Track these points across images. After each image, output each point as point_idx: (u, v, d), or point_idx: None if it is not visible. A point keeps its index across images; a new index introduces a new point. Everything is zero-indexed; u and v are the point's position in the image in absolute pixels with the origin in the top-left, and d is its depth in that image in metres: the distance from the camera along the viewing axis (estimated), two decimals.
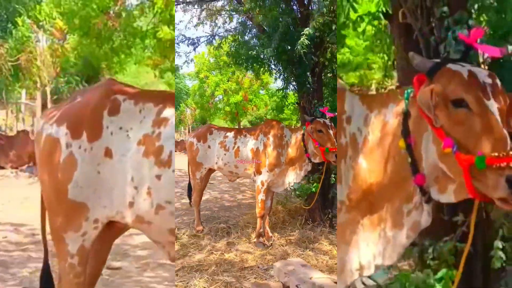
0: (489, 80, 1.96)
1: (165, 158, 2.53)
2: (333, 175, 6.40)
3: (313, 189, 6.09)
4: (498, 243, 2.68)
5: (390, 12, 3.55)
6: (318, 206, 6.35)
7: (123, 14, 11.96)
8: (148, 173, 2.54)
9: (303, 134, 5.42)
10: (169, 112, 2.64)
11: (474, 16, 3.16)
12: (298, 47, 4.84)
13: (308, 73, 6.00)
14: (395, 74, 4.10)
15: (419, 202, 2.26)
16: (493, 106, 1.89)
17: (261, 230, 5.81)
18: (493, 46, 2.12)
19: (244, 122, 25.42)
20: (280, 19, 5.56)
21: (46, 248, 2.89)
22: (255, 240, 5.89)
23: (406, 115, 2.21)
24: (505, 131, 1.86)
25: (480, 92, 1.91)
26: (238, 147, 5.88)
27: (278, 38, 5.41)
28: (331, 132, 5.16)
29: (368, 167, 2.40)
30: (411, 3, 2.99)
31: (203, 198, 8.43)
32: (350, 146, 2.47)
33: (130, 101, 2.68)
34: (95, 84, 3.16)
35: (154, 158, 2.53)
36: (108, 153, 2.61)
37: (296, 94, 7.29)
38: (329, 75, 6.59)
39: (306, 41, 4.84)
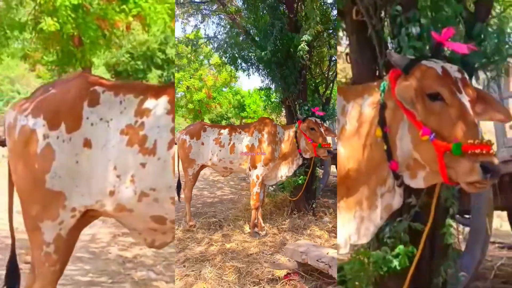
0: (459, 75, 2.17)
1: (150, 146, 2.63)
2: (317, 168, 6.84)
3: (300, 182, 6.54)
4: (450, 221, 2.87)
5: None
6: (303, 197, 6.79)
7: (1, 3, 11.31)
8: (133, 161, 2.63)
9: (296, 131, 5.87)
10: (150, 103, 2.73)
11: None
12: (300, 52, 5.22)
13: (295, 75, 6.41)
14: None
15: (392, 185, 2.46)
16: (465, 98, 2.09)
17: (256, 221, 6.19)
18: (461, 44, 2.32)
19: (205, 120, 25.62)
20: (274, 24, 5.95)
21: (13, 238, 2.93)
22: (249, 231, 6.25)
23: (382, 106, 2.39)
24: (476, 121, 2.05)
25: (453, 86, 2.12)
26: (234, 143, 6.22)
27: (273, 41, 5.78)
28: (322, 129, 5.61)
29: (346, 154, 2.58)
30: (366, 2, 3.12)
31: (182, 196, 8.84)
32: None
33: (109, 92, 2.76)
34: (68, 76, 3.24)
35: (139, 147, 2.63)
36: (87, 143, 2.66)
37: (278, 93, 7.68)
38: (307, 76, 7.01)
39: (306, 47, 5.24)
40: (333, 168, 10.50)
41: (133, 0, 11.25)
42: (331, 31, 6.63)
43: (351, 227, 2.59)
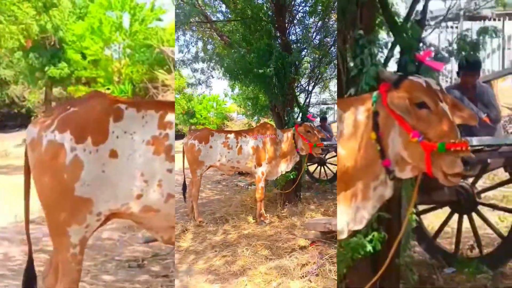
0: (438, 87, 2.58)
1: (173, 154, 3.05)
2: (305, 165, 8.10)
3: (292, 176, 7.70)
4: (413, 209, 3.32)
5: None
6: (293, 190, 7.97)
7: None
8: (160, 167, 3.01)
9: (293, 134, 7.08)
10: (171, 117, 3.12)
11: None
12: (305, 71, 6.42)
13: (285, 87, 7.60)
14: None
15: (384, 179, 2.80)
16: (445, 106, 2.49)
17: (261, 211, 7.26)
18: (437, 62, 2.78)
19: None
20: (272, 45, 7.10)
21: (30, 244, 3.23)
22: (253, 221, 7.28)
23: (375, 113, 2.74)
24: (455, 124, 2.44)
25: (436, 97, 2.50)
26: (241, 146, 7.24)
27: (275, 60, 6.93)
28: (316, 132, 6.90)
29: (345, 155, 2.91)
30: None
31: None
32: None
33: (132, 108, 3.11)
34: (85, 95, 3.49)
35: (165, 155, 3.04)
36: (113, 154, 2.98)
37: (264, 101, 8.80)
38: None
39: (309, 66, 6.47)
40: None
41: None
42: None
43: (349, 215, 2.93)
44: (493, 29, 3.78)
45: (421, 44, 3.70)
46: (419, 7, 3.80)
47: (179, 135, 34.31)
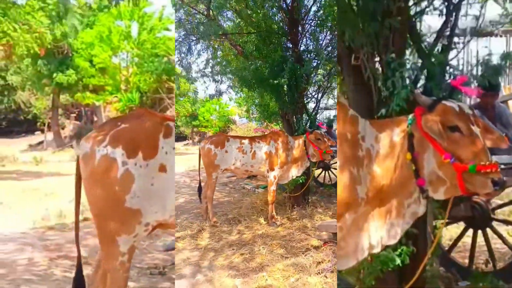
0: (470, 112, 2.70)
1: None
2: (312, 169, 8.53)
3: (301, 181, 8.15)
4: (443, 226, 3.55)
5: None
6: (301, 193, 8.39)
7: None
8: None
9: (304, 141, 7.55)
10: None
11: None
12: (318, 82, 6.91)
13: (296, 96, 8.07)
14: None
15: (417, 198, 2.92)
16: (477, 130, 2.61)
17: (273, 213, 7.68)
18: (471, 88, 2.96)
19: None
20: (286, 57, 7.60)
21: (79, 252, 3.36)
22: (264, 223, 7.67)
23: (410, 135, 2.88)
24: (485, 146, 2.57)
25: (468, 121, 2.63)
26: (255, 151, 7.68)
27: (288, 72, 7.42)
28: (325, 139, 7.38)
29: (381, 173, 3.02)
30: (365, 51, 3.70)
31: (182, 200, 10.12)
32: (366, 157, 3.09)
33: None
34: (133, 113, 3.59)
35: None
36: (162, 168, 3.16)
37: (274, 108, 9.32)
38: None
39: (322, 78, 6.96)
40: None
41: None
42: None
43: (383, 231, 3.04)
44: None
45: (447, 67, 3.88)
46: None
47: (180, 137, 34.62)
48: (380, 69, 3.83)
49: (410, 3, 3.96)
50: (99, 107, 24.46)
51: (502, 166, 4.05)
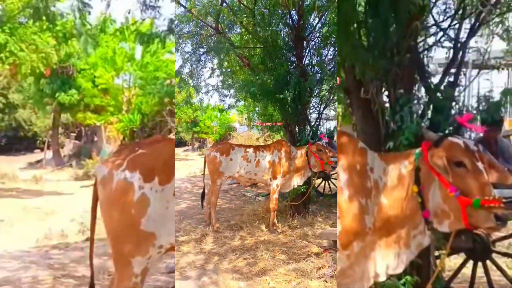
0: (475, 148, 2.81)
1: None
2: (313, 179, 8.80)
3: (302, 190, 8.36)
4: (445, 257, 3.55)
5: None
6: (302, 202, 8.61)
7: None
8: None
9: (306, 151, 7.83)
10: None
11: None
12: (322, 98, 7.33)
13: (300, 108, 8.39)
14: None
15: (423, 229, 3.04)
16: (481, 166, 2.72)
17: (274, 220, 7.89)
18: (476, 125, 3.17)
19: None
20: (291, 72, 7.99)
21: (93, 271, 3.56)
22: (265, 230, 7.87)
23: (417, 169, 3.01)
24: (489, 181, 2.68)
25: (473, 157, 2.74)
26: (258, 159, 7.95)
27: (293, 85, 7.79)
28: (327, 151, 7.68)
29: (388, 204, 3.14)
30: (374, 84, 3.87)
31: (184, 206, 10.30)
32: (374, 188, 3.20)
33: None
34: (151, 139, 3.72)
35: None
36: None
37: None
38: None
39: (326, 94, 7.35)
40: None
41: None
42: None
43: (389, 260, 3.15)
44: None
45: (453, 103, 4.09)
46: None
47: (180, 143, 34.76)
48: (388, 103, 4.03)
49: (419, 39, 4.23)
50: (100, 127, 24.67)
51: (504, 200, 4.31)
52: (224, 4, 8.25)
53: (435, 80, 4.29)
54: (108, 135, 24.11)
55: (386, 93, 4.06)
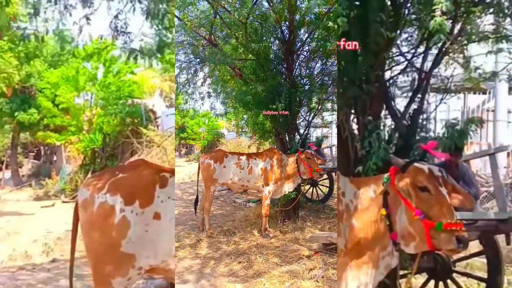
0: (439, 173, 2.97)
1: None
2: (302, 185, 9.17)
3: (292, 196, 8.66)
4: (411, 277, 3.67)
5: None
6: (292, 208, 8.89)
7: None
8: None
9: (296, 159, 8.20)
10: None
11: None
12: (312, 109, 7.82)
13: (291, 118, 8.76)
14: None
15: (391, 250, 3.19)
16: (444, 191, 2.88)
17: (266, 225, 8.15)
18: (440, 153, 3.38)
19: None
20: (282, 83, 8.42)
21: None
22: (257, 234, 8.11)
23: (385, 193, 3.16)
24: (452, 206, 2.84)
25: (436, 182, 2.89)
26: (251, 167, 8.23)
27: (285, 97, 8.20)
28: (315, 159, 8.09)
29: (358, 227, 3.29)
30: (344, 113, 4.04)
31: (176, 212, 10.40)
32: (345, 211, 3.39)
33: (174, 177, 3.59)
34: (131, 163, 3.95)
35: None
36: (156, 216, 3.37)
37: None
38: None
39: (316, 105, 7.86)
40: None
41: None
42: None
43: (360, 280, 3.27)
44: (478, 120, 4.29)
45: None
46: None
47: None
48: (357, 129, 4.18)
49: (386, 68, 4.44)
50: (60, 146, 24.16)
51: (464, 222, 4.16)
52: (218, 17, 8.60)
53: (400, 107, 4.54)
54: (68, 155, 23.66)
55: (355, 120, 4.24)
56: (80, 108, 22.48)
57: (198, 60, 9.28)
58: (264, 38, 8.41)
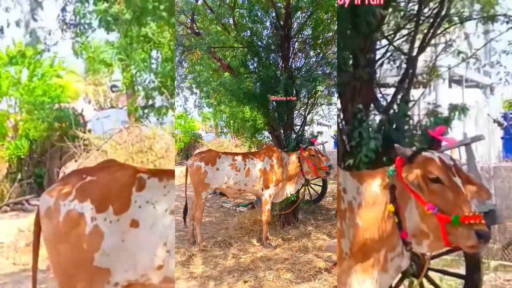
0: (451, 162, 2.69)
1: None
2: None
3: (292, 198, 7.79)
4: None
5: None
6: (291, 211, 8.03)
7: None
8: None
9: (298, 157, 7.30)
10: None
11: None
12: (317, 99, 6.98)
13: (287, 112, 7.88)
14: None
15: (401, 251, 2.91)
16: (458, 180, 2.60)
17: (268, 234, 7.22)
18: (449, 138, 3.03)
19: None
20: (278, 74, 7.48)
21: None
22: (257, 244, 7.20)
23: (392, 187, 2.87)
24: (468, 197, 2.56)
25: (449, 172, 2.62)
26: (249, 168, 7.24)
27: (283, 87, 7.28)
28: (320, 156, 7.23)
29: (364, 226, 2.98)
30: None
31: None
32: (348, 210, 3.07)
33: (153, 178, 3.19)
34: (101, 164, 3.43)
35: None
36: (134, 223, 3.01)
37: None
38: None
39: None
40: None
41: None
42: None
43: (366, 286, 3.00)
44: (462, 107, 4.20)
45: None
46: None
47: None
48: (343, 120, 4.01)
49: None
50: None
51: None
52: (201, 1, 7.53)
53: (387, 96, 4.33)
54: None
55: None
56: (3, 114, 20.67)
57: (180, 49, 8.10)
58: (257, 21, 7.46)
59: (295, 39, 8.14)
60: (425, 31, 4.41)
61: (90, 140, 11.67)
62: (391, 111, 4.05)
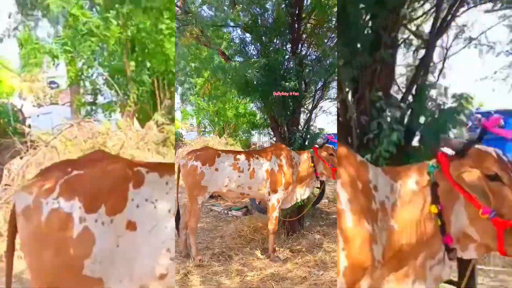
0: (506, 158, 2.41)
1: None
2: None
3: (299, 203, 6.80)
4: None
5: None
6: (298, 218, 7.11)
7: None
8: None
9: (312, 156, 6.29)
10: None
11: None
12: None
13: (294, 107, 6.90)
14: None
15: (442, 258, 2.57)
16: None
17: (275, 245, 6.21)
18: (506, 130, 2.98)
19: None
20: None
21: None
22: (261, 257, 6.22)
23: (434, 185, 2.53)
24: None
25: (508, 168, 2.32)
26: (253, 168, 6.15)
27: (295, 76, 6.29)
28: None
29: (399, 229, 2.62)
30: (349, 86, 3.52)
31: None
32: (380, 211, 2.70)
33: (154, 173, 2.84)
34: (88, 156, 2.98)
35: None
36: (130, 225, 2.66)
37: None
38: None
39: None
40: None
41: None
42: None
43: None
44: (466, 97, 3.87)
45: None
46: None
47: None
48: (360, 108, 3.57)
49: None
50: None
51: None
52: None
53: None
54: None
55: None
56: None
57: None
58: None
59: (308, 19, 7.01)
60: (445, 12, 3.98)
61: (38, 136, 11.01)
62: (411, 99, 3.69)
